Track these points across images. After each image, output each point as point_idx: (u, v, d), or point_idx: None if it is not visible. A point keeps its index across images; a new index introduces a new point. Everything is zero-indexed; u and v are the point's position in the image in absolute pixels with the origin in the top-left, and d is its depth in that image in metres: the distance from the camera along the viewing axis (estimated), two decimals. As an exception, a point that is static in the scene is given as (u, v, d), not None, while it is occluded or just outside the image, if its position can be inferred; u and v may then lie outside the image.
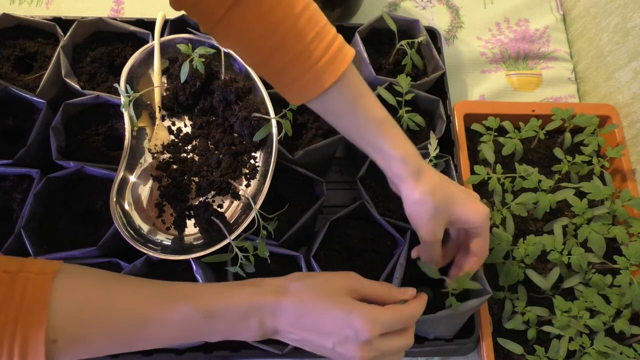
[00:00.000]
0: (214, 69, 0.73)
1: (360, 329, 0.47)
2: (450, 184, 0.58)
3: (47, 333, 0.41)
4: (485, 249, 0.59)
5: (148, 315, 0.46)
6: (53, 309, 0.42)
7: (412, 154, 0.55)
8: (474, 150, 0.83)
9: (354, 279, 0.52)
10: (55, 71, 0.74)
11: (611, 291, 0.67)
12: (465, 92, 0.94)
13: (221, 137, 0.70)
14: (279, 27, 0.50)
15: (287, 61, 0.51)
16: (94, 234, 0.67)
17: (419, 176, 0.55)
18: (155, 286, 0.49)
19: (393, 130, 0.56)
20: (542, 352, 0.65)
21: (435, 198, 0.55)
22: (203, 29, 0.52)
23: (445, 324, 0.64)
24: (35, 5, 0.96)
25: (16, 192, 0.69)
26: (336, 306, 0.48)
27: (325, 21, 0.52)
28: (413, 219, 0.58)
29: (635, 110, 0.82)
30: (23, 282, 0.42)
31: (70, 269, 0.46)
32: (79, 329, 0.43)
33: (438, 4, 1.02)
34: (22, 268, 0.43)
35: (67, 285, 0.44)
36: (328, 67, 0.51)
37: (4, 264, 0.43)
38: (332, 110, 0.55)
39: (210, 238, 0.64)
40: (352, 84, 0.54)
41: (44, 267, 0.44)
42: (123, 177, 0.65)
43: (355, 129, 0.56)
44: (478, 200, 0.59)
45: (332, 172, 0.85)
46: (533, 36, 0.99)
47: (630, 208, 0.72)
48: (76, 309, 0.43)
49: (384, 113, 0.56)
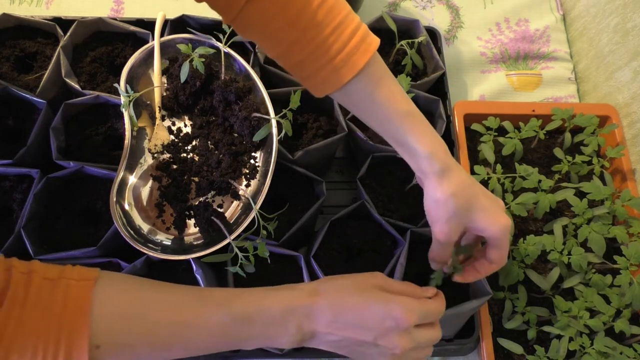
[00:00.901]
0: (214, 69, 0.73)
1: (400, 318, 0.48)
2: (477, 188, 0.55)
3: (90, 339, 0.41)
4: (503, 259, 0.57)
5: (185, 321, 0.46)
6: (95, 316, 0.42)
7: (439, 150, 0.53)
8: (474, 150, 0.83)
9: (380, 278, 0.53)
10: (55, 71, 0.74)
11: (611, 291, 0.67)
12: (465, 92, 0.94)
13: (221, 137, 0.70)
14: (298, 20, 0.49)
15: (306, 54, 0.51)
16: (94, 234, 0.67)
17: (444, 175, 0.53)
18: (190, 293, 0.49)
19: (418, 125, 0.53)
20: (542, 352, 0.65)
21: (458, 201, 0.53)
22: (225, 21, 0.52)
23: (445, 324, 0.64)
24: (35, 5, 0.96)
25: (16, 192, 0.69)
26: (373, 299, 0.49)
27: (347, 10, 0.51)
28: (431, 217, 0.56)
29: (635, 110, 0.82)
30: (64, 288, 0.42)
31: (109, 276, 0.46)
32: (120, 335, 0.44)
33: (438, 4, 1.02)
34: (62, 275, 0.43)
35: (107, 292, 0.44)
36: (349, 59, 0.50)
37: (43, 271, 0.43)
38: (354, 102, 0.54)
39: (210, 238, 0.64)
40: (375, 76, 0.52)
41: (84, 274, 0.44)
42: (123, 177, 0.65)
43: (378, 122, 0.55)
44: (502, 210, 0.56)
45: (332, 172, 0.85)
46: (533, 36, 0.99)
47: (630, 208, 0.72)
48: (116, 316, 0.44)
49: (409, 107, 0.53)
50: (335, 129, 0.75)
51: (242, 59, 0.71)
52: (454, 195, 0.53)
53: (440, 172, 0.53)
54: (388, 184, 0.74)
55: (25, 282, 0.42)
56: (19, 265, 0.43)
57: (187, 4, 0.98)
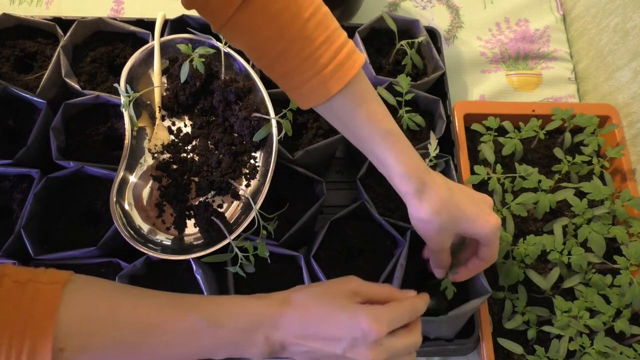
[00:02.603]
0: (214, 69, 0.73)
1: (367, 329, 0.46)
2: (459, 199, 0.55)
3: (53, 342, 0.41)
4: (493, 256, 0.58)
5: (154, 323, 0.46)
6: (60, 319, 0.42)
7: (416, 170, 0.54)
8: (474, 150, 0.83)
9: (354, 283, 0.51)
10: (55, 71, 0.74)
11: (611, 291, 0.67)
12: (465, 92, 0.94)
13: (221, 137, 0.70)
14: (286, 32, 0.49)
15: (293, 66, 0.51)
16: (94, 234, 0.67)
17: (422, 194, 0.54)
18: (162, 296, 0.49)
19: (397, 144, 0.54)
20: (542, 352, 0.65)
21: (441, 218, 0.53)
22: (213, 29, 0.52)
23: (446, 325, 0.64)
24: (35, 5, 0.96)
25: (16, 192, 0.69)
26: (340, 310, 0.48)
27: (335, 26, 0.51)
28: (419, 232, 0.57)
29: (635, 110, 0.82)
30: (32, 292, 0.42)
31: (79, 279, 0.46)
32: (85, 338, 0.43)
33: (438, 4, 1.02)
34: (32, 278, 0.43)
35: (75, 295, 0.44)
36: (335, 74, 0.50)
37: (15, 274, 0.43)
38: (337, 117, 0.55)
39: (210, 238, 0.64)
40: (359, 93, 0.52)
41: (54, 277, 0.44)
42: (123, 177, 0.65)
43: (359, 138, 0.55)
44: (489, 211, 0.57)
45: (332, 172, 0.85)
46: (533, 36, 0.99)
47: (630, 208, 0.72)
48: (83, 319, 0.44)
49: (389, 125, 0.54)
50: (335, 129, 0.75)
51: (242, 59, 0.71)
52: (436, 213, 0.53)
53: (417, 191, 0.53)
54: (388, 184, 0.74)
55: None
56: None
57: (187, 4, 0.98)
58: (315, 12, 0.50)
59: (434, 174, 0.56)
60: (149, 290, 0.49)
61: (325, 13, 0.51)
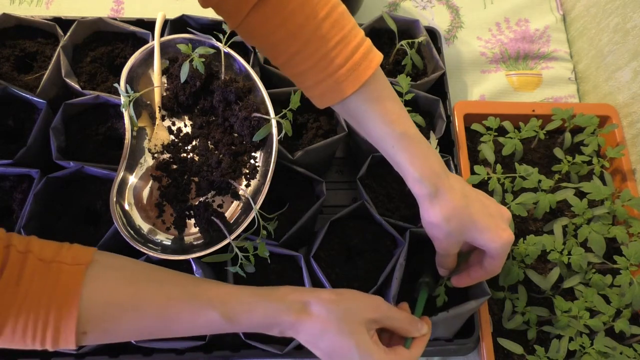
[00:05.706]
0: (214, 69, 0.73)
1: None
2: (474, 209, 0.54)
3: (77, 325, 0.43)
4: (497, 269, 0.57)
5: (174, 317, 0.48)
6: (83, 303, 0.44)
7: (430, 174, 0.53)
8: (474, 150, 0.83)
9: (379, 312, 0.53)
10: (55, 71, 0.74)
11: (611, 291, 0.67)
12: (465, 92, 0.94)
13: (221, 137, 0.70)
14: (301, 32, 0.49)
15: (308, 66, 0.51)
16: (94, 234, 0.67)
17: (435, 198, 0.53)
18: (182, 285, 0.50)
19: (410, 147, 0.53)
20: (542, 352, 0.65)
21: (450, 225, 0.53)
22: (229, 28, 0.53)
23: (445, 325, 0.64)
24: (35, 5, 0.96)
25: (16, 192, 0.69)
26: (353, 346, 0.50)
27: (352, 25, 0.51)
28: (428, 233, 0.57)
29: (635, 110, 0.82)
30: (56, 273, 0.44)
31: (102, 259, 0.48)
32: (107, 323, 0.46)
33: (438, 4, 1.02)
34: (56, 257, 0.45)
35: (97, 279, 0.46)
36: (350, 75, 0.50)
37: (39, 250, 0.45)
38: (352, 116, 0.54)
39: (210, 238, 0.64)
40: (374, 94, 0.52)
41: (78, 257, 0.46)
42: (123, 177, 0.65)
43: (373, 138, 0.55)
44: (503, 225, 0.55)
45: (332, 172, 0.85)
46: (533, 36, 0.99)
47: (630, 208, 0.72)
48: (105, 304, 0.45)
49: (404, 127, 0.53)
50: (335, 129, 0.75)
51: (242, 59, 0.71)
52: (446, 219, 0.53)
53: (430, 195, 0.53)
54: (388, 184, 0.74)
55: (20, 262, 0.43)
56: (18, 242, 0.44)
57: (187, 4, 0.98)
58: (331, 12, 0.49)
59: (453, 178, 0.55)
60: (168, 272, 0.51)
61: (342, 12, 0.51)
